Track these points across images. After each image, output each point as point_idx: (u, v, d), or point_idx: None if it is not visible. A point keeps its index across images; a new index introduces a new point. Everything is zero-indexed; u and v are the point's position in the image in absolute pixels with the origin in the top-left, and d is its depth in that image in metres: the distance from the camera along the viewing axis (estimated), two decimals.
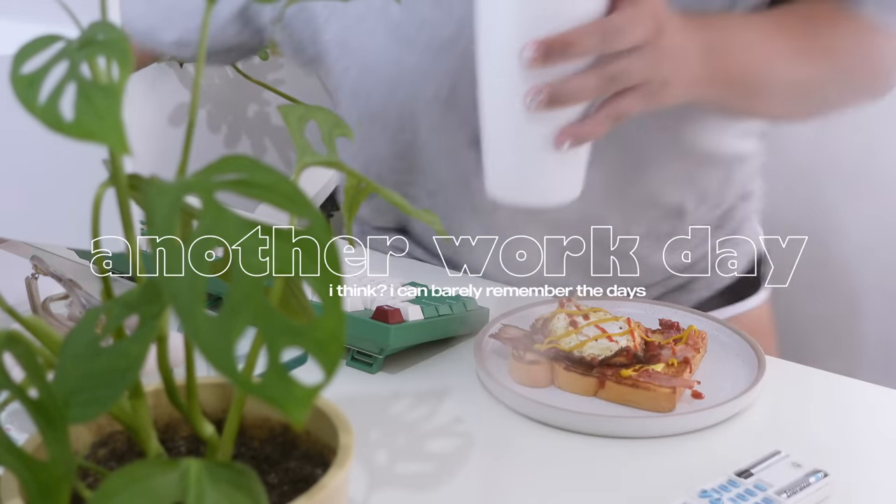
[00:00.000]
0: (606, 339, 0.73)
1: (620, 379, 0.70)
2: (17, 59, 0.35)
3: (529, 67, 0.61)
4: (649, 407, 0.69)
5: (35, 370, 0.37)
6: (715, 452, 0.65)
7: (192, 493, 0.35)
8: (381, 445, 0.66)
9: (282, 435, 0.50)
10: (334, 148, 0.54)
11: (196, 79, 0.41)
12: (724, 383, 0.72)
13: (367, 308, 0.78)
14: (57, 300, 0.75)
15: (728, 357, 0.77)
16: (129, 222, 0.41)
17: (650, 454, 0.65)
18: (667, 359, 0.73)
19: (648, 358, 0.73)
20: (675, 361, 0.72)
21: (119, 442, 0.49)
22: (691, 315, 0.83)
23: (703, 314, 0.83)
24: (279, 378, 0.30)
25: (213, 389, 0.51)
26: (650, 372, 0.70)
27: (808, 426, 0.69)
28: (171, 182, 0.35)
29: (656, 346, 0.74)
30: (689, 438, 0.66)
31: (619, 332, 0.74)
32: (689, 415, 0.67)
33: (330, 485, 0.42)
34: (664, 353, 0.73)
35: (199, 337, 0.30)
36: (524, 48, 0.60)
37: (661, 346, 0.74)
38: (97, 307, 0.40)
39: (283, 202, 0.33)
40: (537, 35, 0.60)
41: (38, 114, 0.32)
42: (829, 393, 0.75)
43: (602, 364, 0.71)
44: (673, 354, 0.73)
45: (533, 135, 0.65)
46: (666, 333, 0.78)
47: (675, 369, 0.72)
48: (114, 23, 0.37)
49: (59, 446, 0.36)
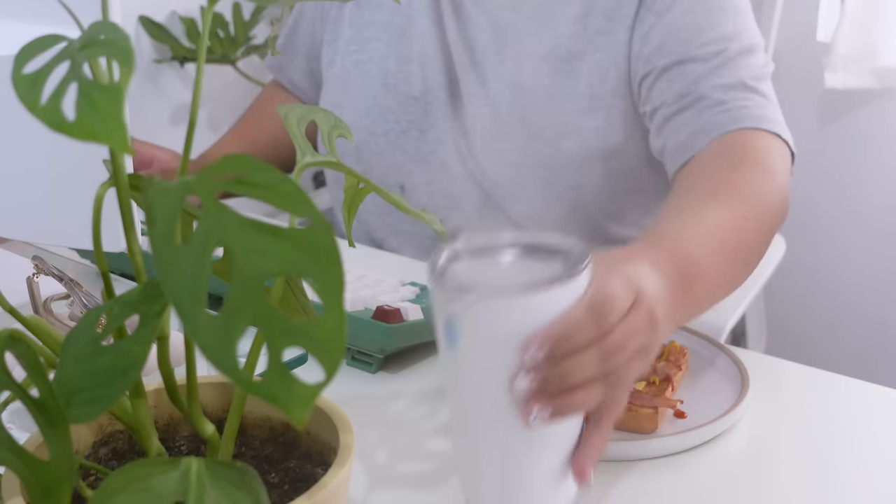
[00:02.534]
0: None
1: None
2: (18, 60, 0.35)
3: (532, 374, 0.51)
4: (631, 427, 0.66)
5: (36, 369, 0.37)
6: (699, 473, 0.64)
7: (193, 492, 0.35)
8: (380, 445, 0.66)
9: (282, 434, 0.50)
10: (334, 148, 0.54)
11: (196, 79, 0.41)
12: (708, 401, 0.70)
13: (367, 308, 0.78)
14: (58, 300, 0.75)
15: (710, 372, 0.75)
16: (130, 222, 0.41)
17: (633, 476, 0.63)
18: (648, 376, 0.71)
19: None
20: (656, 379, 0.70)
21: (120, 441, 0.49)
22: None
23: (684, 328, 0.81)
24: (280, 377, 0.30)
25: (213, 389, 0.51)
26: (631, 391, 0.67)
27: (798, 427, 0.70)
28: (171, 182, 0.35)
29: None
30: (672, 460, 0.65)
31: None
32: (672, 436, 0.65)
33: (330, 484, 0.42)
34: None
35: (199, 336, 0.30)
36: (529, 347, 0.51)
37: None
38: (98, 307, 0.40)
39: (283, 202, 0.33)
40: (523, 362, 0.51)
41: (40, 114, 0.32)
42: (820, 391, 0.75)
43: None
44: (654, 372, 0.71)
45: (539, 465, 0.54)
46: None
47: (657, 388, 0.70)
48: (115, 23, 0.37)
49: (60, 445, 0.36)
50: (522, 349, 0.51)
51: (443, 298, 0.52)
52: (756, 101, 0.94)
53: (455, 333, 0.52)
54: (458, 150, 1.10)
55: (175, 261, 0.31)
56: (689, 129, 0.94)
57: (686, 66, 0.97)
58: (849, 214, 1.96)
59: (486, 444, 0.54)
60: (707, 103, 0.94)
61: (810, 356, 1.00)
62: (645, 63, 1.00)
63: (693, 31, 0.97)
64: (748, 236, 0.81)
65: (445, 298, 0.52)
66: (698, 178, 0.90)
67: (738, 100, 0.93)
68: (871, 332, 1.99)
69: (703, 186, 0.87)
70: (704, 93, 0.94)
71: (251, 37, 1.99)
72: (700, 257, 0.70)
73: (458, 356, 0.52)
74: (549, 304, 0.51)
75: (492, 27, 1.08)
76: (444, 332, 0.52)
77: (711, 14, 0.98)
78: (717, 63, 0.95)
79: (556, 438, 0.54)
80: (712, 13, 0.98)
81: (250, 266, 0.31)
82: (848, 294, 2.00)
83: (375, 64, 1.15)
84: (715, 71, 0.95)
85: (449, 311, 0.51)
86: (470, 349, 0.52)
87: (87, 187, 0.43)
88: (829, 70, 1.84)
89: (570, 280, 0.51)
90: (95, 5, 0.41)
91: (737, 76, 0.95)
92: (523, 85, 1.06)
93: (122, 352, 0.37)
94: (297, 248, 0.32)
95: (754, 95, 0.94)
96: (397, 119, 1.13)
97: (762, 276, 1.29)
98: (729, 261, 0.77)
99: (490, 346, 0.52)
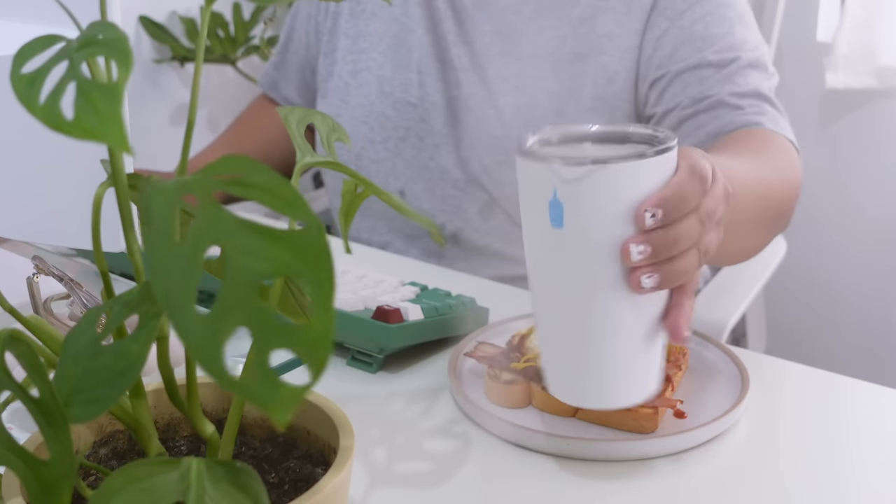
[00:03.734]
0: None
1: None
2: (17, 59, 0.35)
3: (648, 238, 0.55)
4: (630, 428, 0.66)
5: (36, 369, 0.37)
6: (699, 473, 0.64)
7: (193, 492, 0.35)
8: (380, 445, 0.66)
9: (282, 434, 0.50)
10: (333, 151, 0.54)
11: (195, 78, 0.41)
12: (708, 401, 0.70)
13: (367, 308, 0.78)
14: (58, 300, 0.75)
15: (710, 372, 0.75)
16: (130, 222, 0.41)
17: (633, 476, 0.63)
18: None
19: None
20: None
21: (120, 441, 0.49)
22: None
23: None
24: (265, 378, 0.30)
25: (213, 389, 0.51)
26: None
27: (798, 427, 0.70)
28: (169, 181, 0.35)
29: None
30: (673, 460, 0.65)
31: None
32: (672, 436, 0.65)
33: (330, 484, 0.42)
34: None
35: (188, 336, 0.30)
36: (645, 211, 0.55)
37: None
38: (98, 307, 0.40)
39: (279, 204, 0.33)
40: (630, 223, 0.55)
41: (39, 113, 0.32)
42: (820, 391, 0.75)
43: None
44: None
45: (635, 331, 0.58)
46: None
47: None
48: (113, 23, 0.37)
49: (60, 445, 0.36)
50: (637, 214, 0.55)
51: (546, 176, 0.55)
52: (770, 111, 0.96)
53: (560, 209, 0.55)
54: (458, 156, 1.11)
55: (167, 259, 0.31)
56: (705, 131, 0.95)
57: (702, 70, 0.98)
58: (849, 214, 1.96)
59: (589, 315, 0.57)
60: (724, 108, 0.96)
61: (810, 356, 1.00)
62: (658, 67, 1.01)
63: (705, 40, 0.99)
64: (771, 192, 0.84)
65: (551, 176, 0.55)
66: (724, 144, 0.92)
67: (754, 106, 0.96)
68: (871, 332, 1.99)
69: (729, 148, 0.89)
70: (722, 98, 0.96)
71: (251, 37, 2.00)
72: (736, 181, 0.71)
73: (564, 232, 0.56)
74: (656, 173, 0.56)
75: (495, 29, 1.08)
76: (548, 210, 0.56)
77: (722, 24, 1.00)
78: (732, 70, 0.97)
79: (652, 308, 0.58)
80: (722, 24, 1.00)
81: (243, 266, 0.31)
82: (848, 294, 2.00)
83: (372, 72, 1.15)
84: (730, 78, 0.97)
85: (554, 187, 0.55)
86: (579, 223, 0.55)
87: (87, 187, 0.43)
88: (830, 70, 1.84)
89: (669, 151, 0.56)
90: (94, 5, 0.41)
91: (751, 85, 0.97)
92: (527, 86, 1.06)
93: (122, 352, 0.37)
94: (291, 249, 0.31)
95: (769, 106, 0.97)
96: (395, 126, 1.14)
97: (762, 276, 1.29)
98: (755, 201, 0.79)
99: (601, 218, 0.55)
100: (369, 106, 1.15)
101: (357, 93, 1.16)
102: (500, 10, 1.08)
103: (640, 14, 1.02)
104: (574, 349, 0.59)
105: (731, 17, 1.01)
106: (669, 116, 1.00)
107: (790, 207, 0.90)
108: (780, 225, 0.90)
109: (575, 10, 1.04)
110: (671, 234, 0.56)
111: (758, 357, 0.79)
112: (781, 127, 0.95)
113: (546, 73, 1.05)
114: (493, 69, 1.08)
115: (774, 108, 0.97)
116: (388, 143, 1.14)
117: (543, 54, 1.05)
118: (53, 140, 0.34)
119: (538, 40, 1.06)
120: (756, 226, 0.83)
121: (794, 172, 0.91)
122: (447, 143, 1.11)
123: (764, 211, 0.83)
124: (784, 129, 0.95)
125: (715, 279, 1.26)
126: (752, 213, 0.79)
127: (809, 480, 0.63)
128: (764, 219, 0.84)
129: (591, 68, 1.04)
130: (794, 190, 0.90)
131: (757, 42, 1.02)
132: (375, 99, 1.14)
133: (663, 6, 1.01)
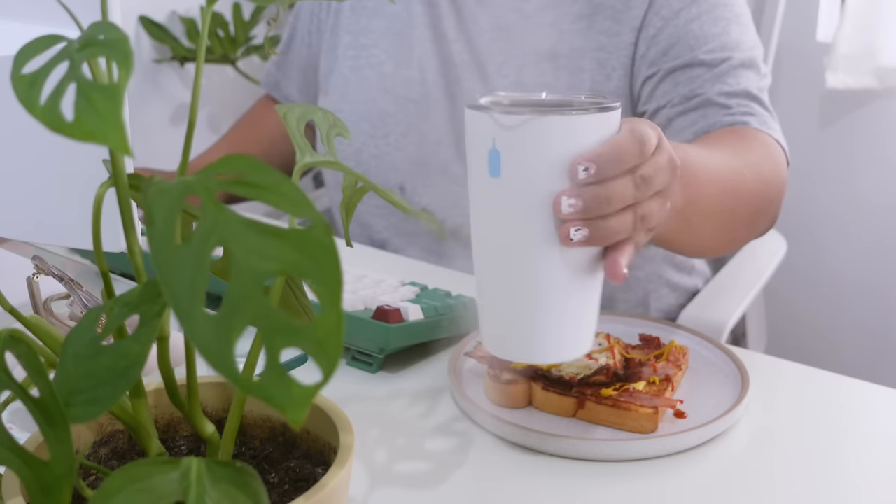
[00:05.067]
0: (586, 357, 0.71)
1: (600, 399, 0.67)
2: (17, 60, 0.35)
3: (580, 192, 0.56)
4: (630, 428, 0.66)
5: (36, 369, 0.37)
6: (699, 473, 0.64)
7: (193, 492, 0.35)
8: (380, 445, 0.66)
9: (282, 434, 0.50)
10: (333, 147, 0.54)
11: (196, 79, 0.41)
12: (708, 401, 0.70)
13: (367, 308, 0.78)
14: (58, 300, 0.75)
15: (710, 372, 0.75)
16: (130, 222, 0.41)
17: (633, 476, 0.63)
18: (648, 377, 0.70)
19: (629, 376, 0.71)
20: (656, 379, 0.70)
21: (120, 441, 0.49)
22: (672, 329, 0.81)
23: (684, 328, 0.81)
24: (278, 378, 0.30)
25: (213, 388, 0.51)
26: (631, 391, 0.68)
27: (798, 427, 0.70)
28: (171, 182, 0.35)
29: (637, 363, 0.72)
30: (673, 460, 0.65)
31: (599, 349, 0.73)
32: (672, 436, 0.65)
33: (330, 484, 0.42)
34: (645, 370, 0.71)
35: (197, 337, 0.30)
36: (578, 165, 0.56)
37: (641, 364, 0.72)
38: (98, 307, 0.40)
39: (282, 202, 0.33)
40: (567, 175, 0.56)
41: (39, 114, 0.32)
42: (820, 391, 0.75)
43: (581, 383, 0.69)
44: (654, 372, 0.71)
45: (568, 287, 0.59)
46: (646, 349, 0.76)
47: (657, 388, 0.69)
48: (115, 23, 0.37)
49: (60, 445, 0.36)
50: (571, 168, 0.56)
51: (487, 126, 0.57)
52: (759, 111, 0.97)
53: (498, 160, 0.57)
54: (459, 151, 1.11)
55: (173, 260, 0.31)
56: (693, 129, 0.96)
57: (693, 69, 0.98)
58: (849, 214, 1.96)
59: (521, 268, 0.58)
60: (712, 107, 0.96)
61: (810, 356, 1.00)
62: (650, 65, 1.01)
63: (698, 39, 0.99)
64: (744, 185, 0.85)
65: (491, 125, 0.56)
66: (704, 139, 0.94)
67: (743, 106, 0.96)
68: (871, 332, 1.99)
69: (708, 142, 0.91)
70: (710, 98, 0.97)
71: (251, 37, 1.99)
72: (697, 165, 0.72)
73: (500, 181, 0.57)
74: (593, 130, 0.57)
75: (495, 26, 1.08)
76: (487, 159, 0.57)
77: (716, 24, 1.00)
78: (723, 70, 0.97)
79: (586, 265, 0.59)
80: (717, 23, 1.00)
81: (249, 266, 0.31)
82: (848, 294, 2.00)
83: (373, 69, 1.15)
84: (720, 77, 0.97)
85: (493, 136, 0.56)
86: (514, 173, 0.57)
87: (87, 187, 0.43)
88: (830, 70, 1.84)
89: (610, 111, 0.57)
90: (95, 5, 0.41)
91: (742, 85, 0.97)
92: (526, 83, 1.06)
93: (122, 352, 0.37)
94: (297, 248, 0.32)
95: (758, 106, 0.97)
96: (397, 122, 1.14)
97: (762, 276, 1.29)
98: (723, 191, 0.80)
99: (535, 168, 0.56)
100: (370, 102, 1.15)
101: (358, 89, 1.16)
102: (501, 6, 1.08)
103: (638, 12, 1.02)
104: (507, 302, 0.60)
105: (727, 16, 1.01)
106: (659, 114, 1.00)
107: (770, 206, 0.90)
108: (759, 222, 0.90)
109: (574, 7, 1.05)
110: (603, 192, 0.56)
111: (757, 357, 0.79)
112: (769, 127, 0.95)
113: (545, 69, 1.05)
114: (492, 65, 1.08)
115: (764, 109, 0.98)
116: (389, 139, 1.14)
117: (542, 51, 1.05)
118: (54, 140, 0.34)
119: (538, 37, 1.06)
120: (726, 217, 0.83)
121: (774, 169, 0.91)
122: (448, 138, 1.11)
123: (733, 202, 0.83)
124: (772, 130, 0.95)
125: (715, 279, 1.26)
126: (717, 202, 0.80)
127: (809, 480, 0.63)
128: (735, 211, 0.84)
129: (588, 65, 1.04)
130: (773, 187, 0.90)
131: (752, 43, 1.02)
132: (377, 95, 1.14)
133: (660, 5, 1.01)
